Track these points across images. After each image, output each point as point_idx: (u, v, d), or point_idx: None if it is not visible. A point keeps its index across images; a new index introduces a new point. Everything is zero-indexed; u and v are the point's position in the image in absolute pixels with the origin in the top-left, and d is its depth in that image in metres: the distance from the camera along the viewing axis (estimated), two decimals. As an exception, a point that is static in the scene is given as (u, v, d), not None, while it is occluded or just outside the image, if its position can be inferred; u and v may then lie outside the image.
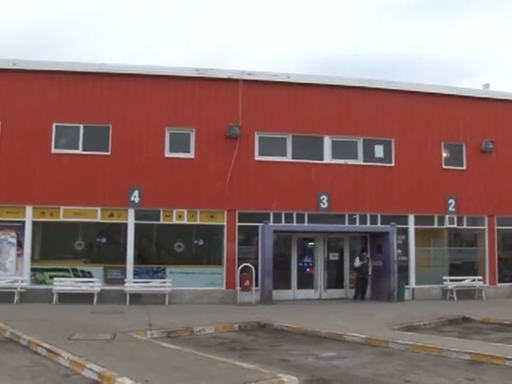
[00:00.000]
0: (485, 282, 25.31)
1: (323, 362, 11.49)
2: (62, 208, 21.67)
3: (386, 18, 67.78)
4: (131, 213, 22.22)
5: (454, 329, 16.62)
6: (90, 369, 9.71)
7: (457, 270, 25.59)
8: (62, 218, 21.73)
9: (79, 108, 22.20)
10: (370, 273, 24.10)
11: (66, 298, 20.65)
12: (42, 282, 21.57)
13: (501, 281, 25.75)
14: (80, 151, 22.15)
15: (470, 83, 73.46)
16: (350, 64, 61.57)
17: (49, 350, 11.35)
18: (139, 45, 64.14)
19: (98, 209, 21.92)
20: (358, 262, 24.01)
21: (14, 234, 21.67)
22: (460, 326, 17.18)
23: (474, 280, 25.18)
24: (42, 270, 21.68)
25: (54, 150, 21.98)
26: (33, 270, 21.62)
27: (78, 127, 22.20)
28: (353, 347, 13.12)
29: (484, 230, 25.79)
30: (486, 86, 27.73)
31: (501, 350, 11.88)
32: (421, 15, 68.78)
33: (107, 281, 21.97)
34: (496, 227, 25.82)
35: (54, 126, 22.05)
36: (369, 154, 24.69)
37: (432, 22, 67.72)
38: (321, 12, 66.57)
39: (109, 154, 22.25)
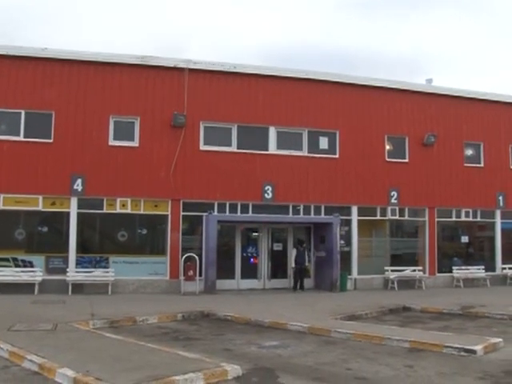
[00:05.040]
0: (424, 273, 25.92)
1: (266, 350, 11.57)
2: (2, 196, 21.12)
3: (345, 13, 68.73)
4: (74, 201, 21.85)
5: (395, 318, 16.94)
6: (30, 360, 9.57)
7: (398, 260, 26.13)
8: (2, 206, 21.17)
9: (20, 94, 21.63)
10: (306, 263, 24.31)
11: (6, 288, 20.17)
12: (-19, 272, 21.08)
13: (440, 271, 26.41)
14: (21, 138, 21.59)
15: (423, 79, 75.06)
16: (307, 57, 62.40)
17: (-13, 341, 11.11)
18: (93, 32, 63.26)
19: (40, 197, 21.48)
20: (293, 255, 24.22)
21: (-49, 222, 21.11)
22: (400, 315, 17.54)
23: (414, 270, 25.75)
24: (-19, 260, 21.19)
25: (-7, 137, 21.48)
26: (-29, 259, 21.11)
27: (20, 113, 21.64)
28: (295, 336, 13.25)
29: (425, 221, 26.38)
30: (429, 81, 28.30)
31: (439, 338, 12.19)
32: (379, 10, 69.94)
33: (49, 270, 21.57)
34: (436, 219, 26.46)
35: (-6, 111, 21.54)
36: (313, 146, 24.90)
37: (390, 18, 68.97)
38: (280, 5, 66.94)
39: (51, 141, 21.79)
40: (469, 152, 27.56)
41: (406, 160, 26.12)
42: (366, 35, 67.00)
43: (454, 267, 26.45)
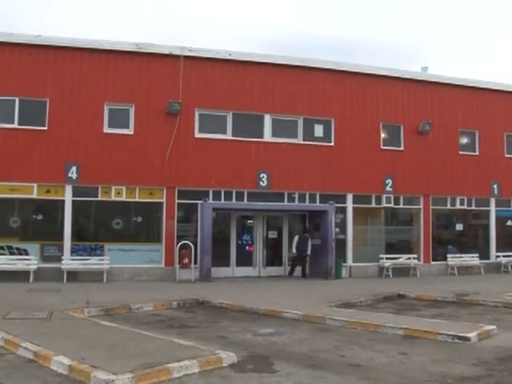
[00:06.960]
0: (419, 260, 25.99)
1: (261, 338, 11.58)
2: (-4, 184, 21.13)
3: (344, 1, 68.37)
4: (68, 189, 21.81)
5: (390, 305, 16.97)
6: (25, 348, 9.55)
7: (393, 248, 26.17)
8: (-4, 194, 21.19)
9: (14, 81, 21.51)
10: (308, 252, 24.37)
11: (1, 276, 20.10)
12: (-24, 260, 21.03)
13: (434, 259, 26.49)
14: (15, 125, 21.50)
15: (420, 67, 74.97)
16: (306, 45, 62.15)
17: (-18, 329, 11.10)
18: (90, 23, 62.75)
19: (35, 185, 21.41)
20: (295, 241, 24.21)
21: None
22: (395, 303, 17.58)
23: (409, 258, 25.82)
24: (-24, 248, 21.13)
25: (-13, 124, 21.37)
26: (-34, 247, 21.05)
27: (14, 100, 21.53)
28: (290, 324, 13.28)
29: (419, 209, 26.43)
30: (425, 69, 28.27)
31: (433, 325, 12.23)
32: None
33: (44, 258, 21.56)
34: (431, 207, 26.50)
35: (-13, 99, 21.42)
36: (309, 133, 24.87)
37: (389, 6, 68.69)
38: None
39: (46, 128, 21.70)
40: (464, 140, 27.59)
41: (401, 148, 26.12)
42: (365, 23, 66.83)
43: (448, 255, 26.56)
